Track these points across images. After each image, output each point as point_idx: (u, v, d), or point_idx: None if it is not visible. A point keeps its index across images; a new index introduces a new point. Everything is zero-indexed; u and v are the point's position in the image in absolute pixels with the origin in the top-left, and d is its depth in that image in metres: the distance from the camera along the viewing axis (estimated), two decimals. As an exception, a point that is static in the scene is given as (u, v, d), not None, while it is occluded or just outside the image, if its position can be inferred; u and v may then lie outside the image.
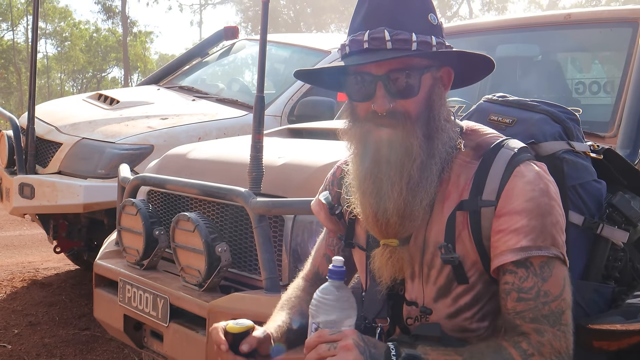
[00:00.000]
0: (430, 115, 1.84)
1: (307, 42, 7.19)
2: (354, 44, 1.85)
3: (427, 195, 1.83)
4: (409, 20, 1.82)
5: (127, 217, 3.60)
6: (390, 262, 1.87)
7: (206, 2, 54.67)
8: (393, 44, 1.79)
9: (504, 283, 1.79)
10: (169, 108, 6.19)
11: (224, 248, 3.06)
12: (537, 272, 1.76)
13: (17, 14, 44.33)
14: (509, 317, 1.78)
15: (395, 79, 1.82)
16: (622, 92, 3.69)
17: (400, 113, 1.81)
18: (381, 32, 1.79)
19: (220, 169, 3.57)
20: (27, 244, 8.73)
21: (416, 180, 1.81)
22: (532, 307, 1.74)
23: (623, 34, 3.94)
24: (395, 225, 1.83)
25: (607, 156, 2.31)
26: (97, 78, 56.46)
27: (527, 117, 2.24)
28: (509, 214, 1.78)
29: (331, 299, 1.74)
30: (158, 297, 3.27)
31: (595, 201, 2.17)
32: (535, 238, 1.76)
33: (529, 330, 1.74)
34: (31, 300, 6.11)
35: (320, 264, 2.26)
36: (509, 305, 1.78)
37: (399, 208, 1.81)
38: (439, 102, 1.87)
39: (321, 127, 4.22)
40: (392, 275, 1.90)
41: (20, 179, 5.71)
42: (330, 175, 2.24)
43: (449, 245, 1.82)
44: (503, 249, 1.78)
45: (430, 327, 1.88)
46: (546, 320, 1.73)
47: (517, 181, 1.81)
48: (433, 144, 1.83)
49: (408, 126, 1.81)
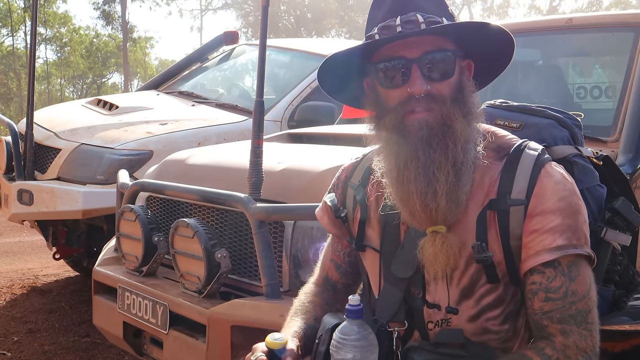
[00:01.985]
0: (464, 100, 1.85)
1: (308, 47, 7.18)
2: (385, 30, 1.85)
3: (468, 177, 1.82)
4: (436, 9, 1.85)
5: (126, 223, 3.58)
6: (445, 247, 1.82)
7: (206, 8, 54.77)
8: (427, 25, 1.80)
9: (532, 283, 1.79)
10: (169, 113, 6.17)
11: (223, 254, 3.04)
12: (565, 272, 1.76)
13: (16, 19, 44.34)
14: (535, 317, 1.79)
15: (430, 61, 1.82)
16: (624, 96, 3.68)
17: (437, 96, 1.81)
18: (413, 15, 1.81)
19: (219, 174, 3.56)
20: (26, 250, 8.71)
21: (461, 161, 1.80)
22: (560, 307, 1.75)
23: (625, 38, 3.93)
24: (445, 210, 1.80)
25: (604, 163, 2.33)
26: (97, 84, 56.48)
27: (536, 122, 2.28)
28: (543, 214, 1.79)
29: (352, 339, 1.74)
30: (157, 304, 3.26)
31: (597, 205, 2.20)
32: (571, 237, 1.77)
33: (554, 332, 1.75)
34: (31, 307, 6.09)
35: (329, 269, 2.26)
36: (536, 306, 1.78)
37: (448, 191, 1.78)
38: (469, 88, 1.88)
39: (321, 132, 4.21)
40: (447, 262, 1.84)
41: (19, 185, 5.69)
42: (335, 179, 2.23)
43: (482, 244, 1.81)
44: (538, 248, 1.78)
45: (452, 333, 1.86)
46: (573, 320, 1.74)
47: (547, 181, 1.82)
48: (470, 127, 1.83)
49: (447, 108, 1.81)
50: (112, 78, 59.79)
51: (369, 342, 1.75)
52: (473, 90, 1.90)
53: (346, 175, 2.16)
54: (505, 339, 1.89)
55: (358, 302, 1.75)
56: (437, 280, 1.90)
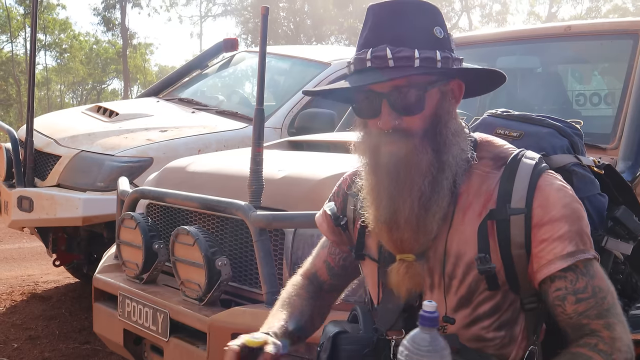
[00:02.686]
0: (437, 130, 1.84)
1: (307, 54, 7.18)
2: (357, 62, 1.86)
3: (439, 209, 1.83)
4: (412, 36, 1.81)
5: (127, 230, 3.59)
6: (407, 276, 1.86)
7: (206, 14, 54.78)
8: (395, 61, 1.79)
9: (556, 290, 1.80)
10: (169, 120, 6.18)
11: (224, 262, 3.04)
12: (585, 272, 1.79)
13: (16, 25, 44.35)
14: (572, 321, 1.80)
15: (399, 96, 1.81)
16: (623, 103, 3.69)
17: (407, 130, 1.81)
18: (383, 50, 1.79)
19: (220, 182, 3.56)
20: (26, 257, 8.71)
21: (428, 195, 1.81)
22: (594, 304, 1.77)
23: (624, 45, 3.94)
24: (409, 241, 1.83)
25: (606, 172, 2.33)
26: (97, 90, 56.46)
27: (535, 131, 2.30)
28: (550, 222, 1.80)
29: (426, 350, 1.63)
30: (158, 311, 3.26)
31: (598, 214, 2.20)
32: (579, 242, 1.80)
33: (598, 327, 1.77)
34: (31, 314, 6.08)
35: (320, 269, 2.27)
36: (569, 310, 1.79)
37: (412, 224, 1.81)
38: (447, 116, 1.87)
39: (321, 140, 4.21)
40: (410, 290, 1.88)
41: (19, 192, 5.70)
42: (337, 187, 2.23)
43: (486, 255, 1.82)
44: (550, 257, 1.79)
45: (448, 338, 1.86)
46: (609, 314, 1.78)
47: (548, 190, 1.83)
48: (442, 158, 1.83)
49: (416, 142, 1.81)
50: (111, 84, 59.81)
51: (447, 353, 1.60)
52: (452, 115, 1.89)
53: (347, 184, 2.16)
54: (501, 345, 1.90)
55: (434, 308, 1.58)
56: (434, 289, 1.91)
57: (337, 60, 6.49)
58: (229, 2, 51.47)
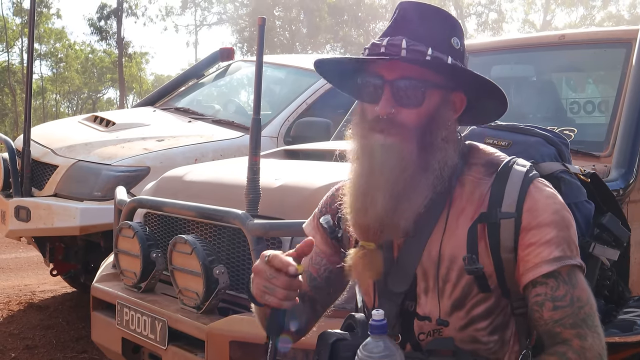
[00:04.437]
0: (428, 130, 1.86)
1: (303, 63, 7.21)
2: (373, 47, 1.89)
3: (411, 207, 1.84)
4: (430, 36, 1.86)
5: (124, 239, 3.60)
6: (362, 262, 1.89)
7: (201, 23, 54.87)
8: (408, 52, 1.83)
9: (536, 295, 1.82)
10: (165, 130, 6.19)
11: (221, 270, 3.06)
12: (567, 280, 1.80)
13: (12, 35, 44.36)
14: (547, 327, 1.81)
15: (402, 86, 1.85)
16: (616, 111, 3.72)
17: (399, 121, 1.84)
18: (399, 40, 1.84)
19: (217, 191, 3.58)
20: (23, 266, 8.70)
21: (400, 190, 1.82)
22: (570, 313, 1.78)
23: (617, 54, 3.97)
24: (374, 231, 1.85)
25: (592, 180, 2.38)
26: (93, 99, 56.46)
27: (524, 140, 2.34)
28: (538, 227, 1.82)
29: (379, 356, 1.69)
30: (156, 319, 3.27)
31: (585, 221, 2.24)
32: (566, 248, 1.81)
33: (570, 337, 1.78)
34: (28, 324, 6.08)
35: None
36: (545, 316, 1.81)
37: (378, 213, 1.83)
38: (442, 121, 1.89)
39: (318, 149, 4.23)
40: (361, 274, 1.91)
41: (16, 201, 5.70)
42: (328, 198, 2.22)
43: (473, 256, 1.84)
44: (536, 261, 1.81)
45: (443, 341, 1.89)
46: (584, 324, 1.78)
47: (538, 195, 1.85)
48: (427, 158, 1.85)
49: (404, 135, 1.83)
50: (107, 93, 59.80)
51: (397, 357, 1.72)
52: (450, 124, 1.92)
53: (341, 194, 2.17)
54: (494, 350, 1.92)
55: (382, 316, 1.71)
56: (428, 293, 1.93)
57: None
58: (224, 10, 51.55)
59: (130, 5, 46.48)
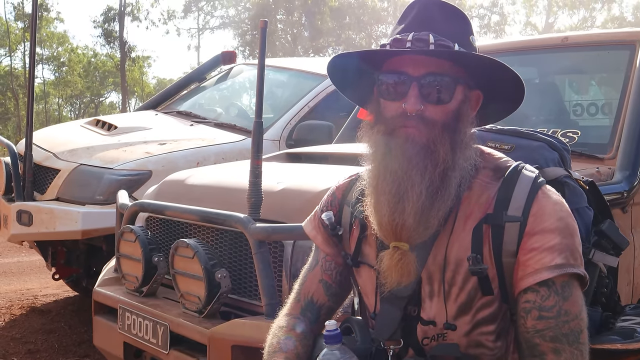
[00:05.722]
0: (457, 128, 1.85)
1: (304, 67, 7.21)
2: (396, 42, 1.87)
3: (444, 205, 1.82)
4: (454, 33, 1.86)
5: (126, 243, 3.59)
6: (400, 264, 1.83)
7: (204, 27, 54.90)
8: (436, 47, 1.82)
9: (525, 301, 1.80)
10: (167, 133, 6.19)
11: (223, 274, 3.05)
12: (559, 291, 1.78)
13: (14, 39, 44.44)
14: (527, 335, 1.79)
15: (430, 82, 1.83)
16: (620, 113, 3.70)
17: (429, 118, 1.83)
18: (426, 35, 1.83)
19: (219, 194, 3.57)
20: (25, 270, 8.70)
21: (437, 186, 1.80)
22: (553, 325, 1.76)
23: (620, 56, 3.96)
24: (410, 229, 1.81)
25: (590, 188, 2.39)
26: (95, 103, 56.52)
27: (527, 144, 2.34)
28: (542, 233, 1.80)
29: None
30: (158, 324, 3.26)
31: (586, 227, 2.23)
32: (569, 256, 1.79)
33: (546, 350, 1.75)
34: (30, 328, 6.08)
35: (316, 292, 2.18)
36: (528, 324, 1.79)
37: (416, 211, 1.79)
38: (467, 119, 1.89)
39: (320, 152, 4.22)
40: (399, 279, 1.85)
41: (18, 205, 5.70)
42: (329, 196, 2.20)
43: (477, 256, 1.82)
44: (537, 267, 1.79)
45: (448, 347, 1.87)
46: (565, 339, 1.75)
47: (545, 201, 1.84)
48: (456, 156, 1.83)
49: (436, 132, 1.82)
50: (109, 97, 59.88)
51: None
52: (471, 121, 1.91)
53: (342, 193, 2.15)
54: (498, 355, 1.91)
55: (336, 326, 1.76)
56: (433, 297, 1.91)
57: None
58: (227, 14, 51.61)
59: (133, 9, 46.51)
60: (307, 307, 2.18)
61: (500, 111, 2.07)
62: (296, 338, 2.08)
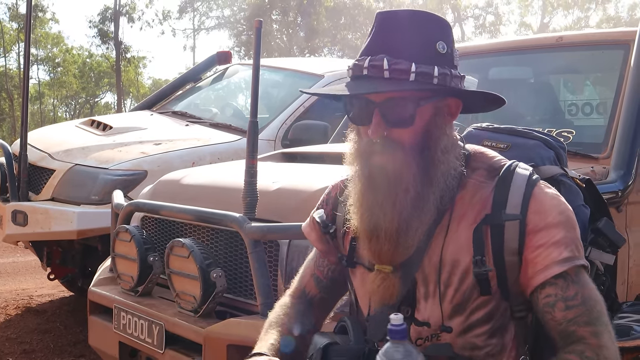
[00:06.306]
0: (426, 146, 1.84)
1: (300, 67, 7.20)
2: (356, 68, 1.86)
3: (422, 224, 1.83)
4: (412, 48, 1.81)
5: (121, 243, 3.59)
6: (381, 288, 1.88)
7: (199, 27, 54.85)
8: (391, 73, 1.79)
9: (546, 296, 1.81)
10: (163, 133, 6.18)
11: (219, 274, 3.05)
12: (575, 280, 1.79)
13: (9, 40, 44.40)
14: (561, 327, 1.79)
15: (391, 107, 1.81)
16: (614, 113, 3.71)
17: (394, 142, 1.82)
18: (380, 60, 1.80)
19: (214, 194, 3.57)
20: (20, 271, 8.69)
21: (409, 210, 1.81)
22: (583, 311, 1.77)
23: (615, 56, 3.97)
24: (388, 253, 1.84)
25: (587, 186, 2.39)
26: (90, 103, 56.50)
27: (523, 143, 2.34)
28: (547, 228, 1.81)
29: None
30: (153, 323, 3.26)
31: (582, 225, 2.22)
32: (574, 249, 1.81)
33: (586, 335, 1.76)
34: (25, 328, 6.07)
35: (308, 284, 2.25)
36: (558, 316, 1.79)
37: (391, 236, 1.81)
38: (438, 132, 1.87)
39: (315, 152, 4.22)
40: (382, 301, 1.90)
41: (13, 206, 5.69)
42: (325, 195, 2.23)
43: (482, 258, 1.83)
44: (546, 262, 1.80)
45: (442, 347, 1.88)
46: (598, 322, 1.77)
47: (543, 197, 1.85)
48: (429, 174, 1.83)
49: (401, 156, 1.81)
50: (105, 98, 59.84)
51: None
52: (446, 132, 1.89)
53: (337, 193, 2.16)
54: (492, 353, 1.91)
55: (401, 321, 1.64)
56: (428, 298, 1.92)
57: (330, 72, 6.51)
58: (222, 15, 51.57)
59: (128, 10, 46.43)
60: (302, 294, 2.26)
61: (490, 105, 2.06)
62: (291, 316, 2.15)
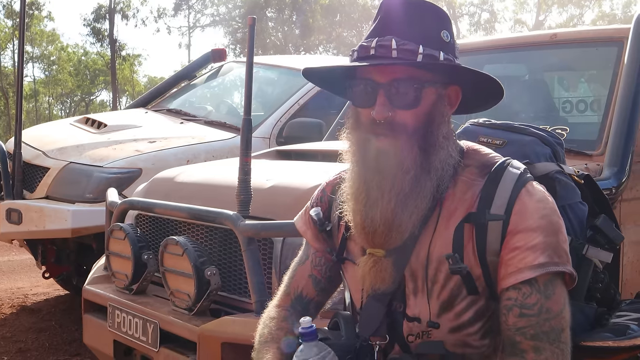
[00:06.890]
0: (429, 130, 1.84)
1: (294, 64, 7.20)
2: (362, 49, 1.87)
3: (417, 209, 1.83)
4: (420, 33, 1.83)
5: (116, 241, 3.59)
6: (373, 271, 1.87)
7: (194, 25, 54.78)
8: (399, 53, 1.80)
9: (507, 299, 1.80)
10: (157, 131, 6.18)
11: (213, 271, 3.05)
12: (541, 289, 1.77)
13: (3, 38, 44.28)
14: (509, 333, 1.79)
15: (397, 88, 1.82)
16: (608, 110, 3.72)
17: (398, 123, 1.82)
18: (389, 40, 1.81)
19: (208, 192, 3.57)
20: (15, 269, 8.68)
21: (406, 192, 1.81)
22: (534, 323, 1.76)
23: (609, 53, 3.98)
24: (382, 236, 1.83)
25: (586, 182, 2.36)
26: (86, 101, 56.41)
27: (518, 139, 2.33)
28: (525, 232, 1.80)
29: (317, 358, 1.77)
30: (148, 321, 3.26)
31: (579, 223, 2.21)
32: (552, 254, 1.78)
33: (527, 348, 1.75)
34: (20, 327, 6.06)
35: (305, 287, 2.21)
36: (510, 321, 1.79)
37: (386, 218, 1.81)
38: (440, 119, 1.87)
39: (310, 149, 4.22)
40: (373, 284, 1.89)
41: (8, 204, 5.69)
42: (319, 192, 2.21)
43: (456, 255, 1.82)
44: (520, 265, 1.78)
45: (433, 344, 1.88)
46: (546, 337, 1.75)
47: (528, 199, 1.83)
48: (429, 159, 1.83)
49: (404, 138, 1.81)
50: (100, 96, 59.74)
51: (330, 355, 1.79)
52: (446, 119, 1.90)
53: (331, 189, 2.16)
54: (486, 354, 1.91)
55: (309, 323, 1.79)
56: (417, 294, 1.91)
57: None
58: (217, 12, 51.50)
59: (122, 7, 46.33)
60: (296, 300, 2.21)
61: (488, 100, 2.06)
62: (286, 329, 2.10)
